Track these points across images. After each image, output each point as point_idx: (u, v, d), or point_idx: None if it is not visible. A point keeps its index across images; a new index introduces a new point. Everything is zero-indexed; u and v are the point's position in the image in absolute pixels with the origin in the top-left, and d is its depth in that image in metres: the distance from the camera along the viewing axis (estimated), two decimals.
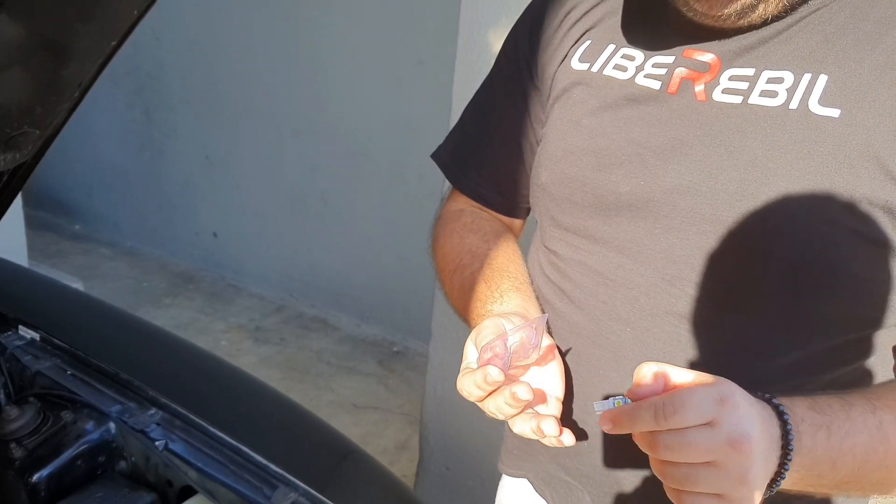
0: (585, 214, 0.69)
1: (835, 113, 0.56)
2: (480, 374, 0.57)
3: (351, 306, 3.00)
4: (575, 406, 0.73)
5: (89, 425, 0.93)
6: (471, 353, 0.64)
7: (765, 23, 0.59)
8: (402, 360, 2.79)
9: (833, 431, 0.54)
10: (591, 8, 0.73)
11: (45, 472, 0.87)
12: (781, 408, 0.53)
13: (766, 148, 0.58)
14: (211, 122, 3.10)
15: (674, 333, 0.65)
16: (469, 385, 0.59)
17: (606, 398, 0.54)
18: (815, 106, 0.57)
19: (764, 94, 0.59)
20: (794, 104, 0.58)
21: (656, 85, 0.65)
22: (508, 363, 0.59)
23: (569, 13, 0.74)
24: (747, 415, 0.50)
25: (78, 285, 2.69)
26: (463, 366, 0.63)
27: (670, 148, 0.63)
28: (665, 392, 0.51)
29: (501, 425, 0.80)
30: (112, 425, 0.94)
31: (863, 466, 0.55)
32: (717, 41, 0.62)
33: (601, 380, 0.70)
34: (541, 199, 0.75)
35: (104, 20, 0.76)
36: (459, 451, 1.72)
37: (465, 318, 0.78)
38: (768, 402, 0.54)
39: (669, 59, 0.65)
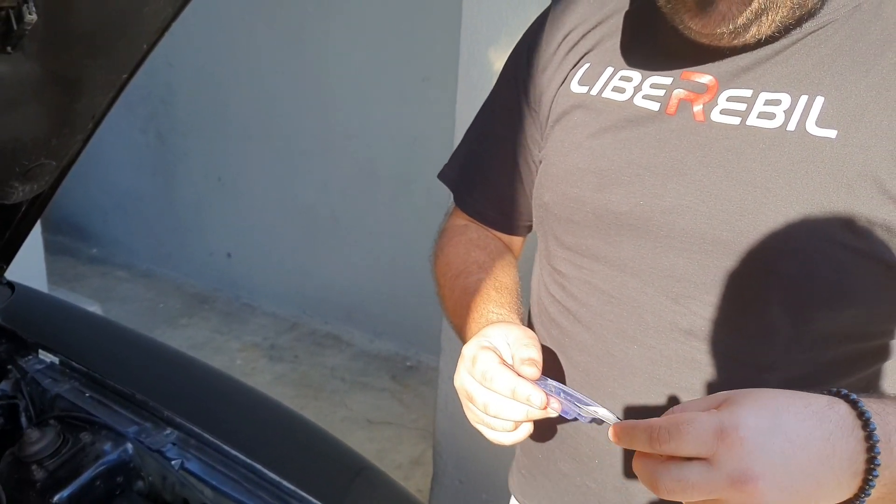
0: (588, 234, 0.70)
1: (832, 134, 0.57)
2: (538, 397, 0.57)
3: (364, 322, 3.02)
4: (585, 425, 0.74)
5: (107, 446, 0.95)
6: (471, 350, 0.62)
7: (759, 43, 0.60)
8: (416, 375, 2.80)
9: None
10: (590, 30, 0.73)
11: (65, 493, 0.89)
12: (868, 414, 0.47)
13: (765, 169, 0.59)
14: (222, 144, 3.15)
15: (681, 350, 0.65)
16: (503, 384, 0.58)
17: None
18: (812, 127, 0.58)
19: (762, 115, 0.60)
20: (791, 126, 0.58)
21: (655, 106, 0.66)
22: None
23: (567, 36, 0.75)
24: (757, 448, 0.45)
25: (96, 308, 2.74)
26: (467, 366, 0.62)
27: (669, 168, 0.63)
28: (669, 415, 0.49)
29: None
30: (129, 446, 0.96)
31: None
32: (714, 63, 0.63)
33: (610, 397, 0.70)
34: (544, 219, 0.76)
35: (114, 55, 0.79)
36: (472, 465, 1.73)
37: (460, 323, 0.77)
38: (849, 401, 0.48)
39: (667, 81, 0.66)
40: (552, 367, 0.74)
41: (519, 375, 0.59)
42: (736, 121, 0.61)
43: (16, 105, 0.77)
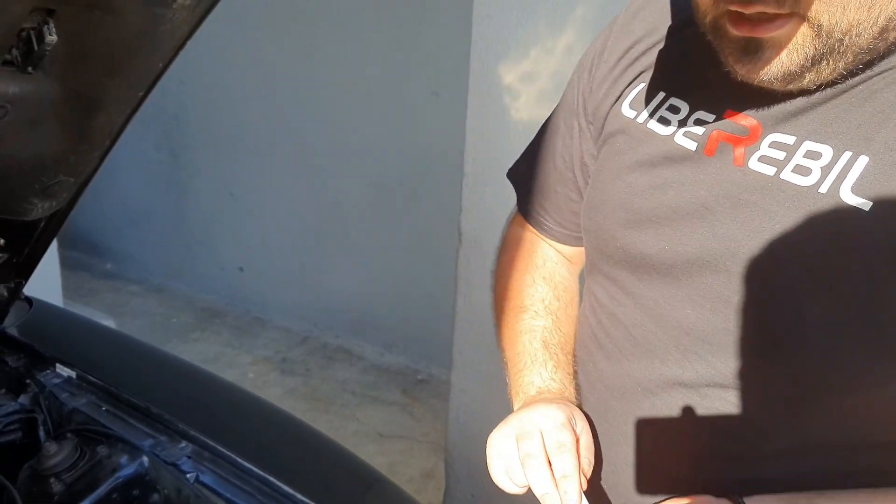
0: (618, 266, 0.69)
1: (865, 206, 0.51)
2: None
3: (374, 336, 3.02)
4: (600, 460, 0.73)
5: (123, 459, 0.96)
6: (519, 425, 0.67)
7: (819, 88, 0.54)
8: (427, 389, 2.80)
9: None
10: (653, 46, 0.69)
11: None
12: None
13: (789, 231, 0.55)
14: (234, 160, 3.18)
15: (681, 404, 0.64)
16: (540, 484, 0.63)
17: None
18: (846, 193, 0.52)
19: (797, 169, 0.55)
20: (824, 188, 0.53)
21: (692, 146, 0.62)
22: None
23: (630, 49, 0.71)
24: None
25: (110, 322, 2.76)
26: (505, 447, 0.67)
27: (698, 216, 0.61)
28: None
29: None
30: (145, 459, 0.97)
31: None
32: (761, 106, 0.58)
33: (620, 434, 0.70)
34: (585, 241, 0.76)
35: (131, 73, 0.81)
36: (484, 478, 1.71)
37: (512, 367, 0.79)
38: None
39: (710, 118, 0.62)
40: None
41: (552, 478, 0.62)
42: (772, 171, 0.56)
43: (36, 123, 0.79)
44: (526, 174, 0.86)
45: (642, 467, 0.69)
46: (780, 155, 0.56)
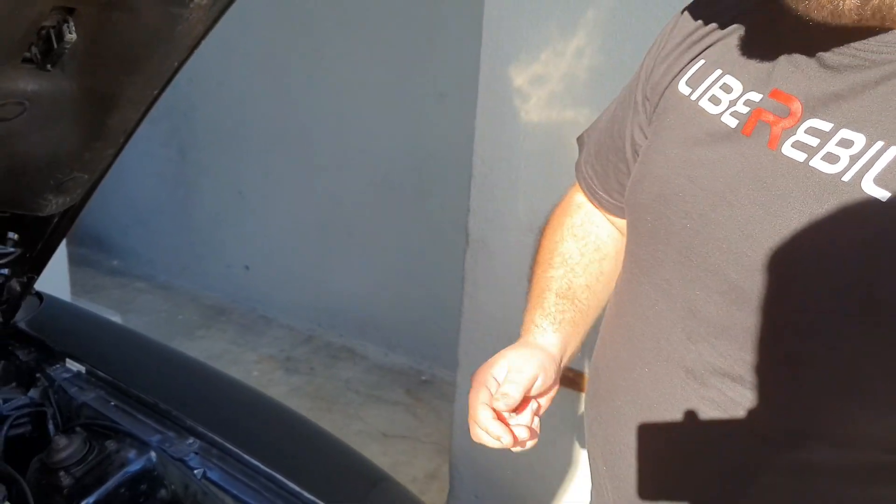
0: (643, 244, 0.70)
1: (883, 195, 0.50)
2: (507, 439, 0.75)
3: (377, 336, 3.03)
4: (602, 441, 0.75)
5: (132, 454, 0.97)
6: (478, 378, 0.79)
7: (863, 32, 0.53)
8: (430, 389, 2.80)
9: None
10: (719, 28, 0.68)
11: (90, 499, 0.90)
12: None
13: (807, 220, 0.54)
14: (241, 159, 3.19)
15: (680, 388, 0.63)
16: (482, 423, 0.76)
17: None
18: (867, 183, 0.51)
19: (827, 157, 0.54)
20: (848, 175, 0.52)
21: (734, 123, 0.62)
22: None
23: (697, 30, 0.70)
24: None
25: (116, 318, 2.77)
26: (485, 380, 0.78)
27: (721, 196, 0.60)
28: None
29: (531, 453, 0.83)
30: (153, 454, 0.98)
31: None
32: (807, 86, 0.57)
33: (616, 412, 0.71)
34: (626, 217, 0.76)
35: (147, 71, 0.82)
36: (489, 480, 1.72)
37: (528, 302, 0.86)
38: None
39: (757, 98, 0.61)
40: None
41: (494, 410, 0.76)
42: (801, 157, 0.55)
43: (53, 120, 0.79)
44: (587, 142, 0.88)
45: (643, 459, 0.69)
46: (814, 142, 0.55)
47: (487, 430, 0.75)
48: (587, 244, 0.87)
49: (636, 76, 0.79)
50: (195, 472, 0.96)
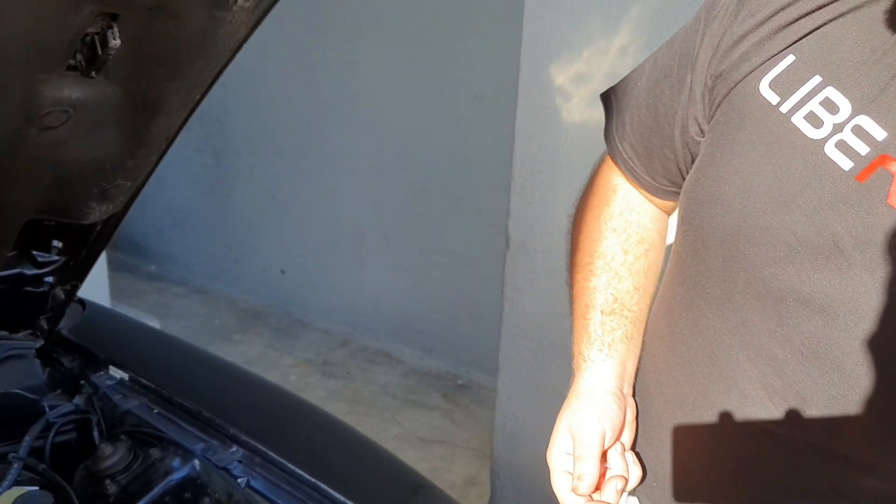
0: (712, 276, 0.61)
1: None
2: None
3: (414, 340, 3.02)
4: (654, 466, 0.70)
5: (176, 462, 0.96)
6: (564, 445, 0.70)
7: None
8: (467, 394, 2.77)
9: None
10: (817, 9, 0.53)
11: None
12: None
13: None
14: (275, 163, 3.22)
15: (757, 447, 0.58)
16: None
17: None
18: None
19: None
20: None
21: (847, 165, 0.50)
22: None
23: (783, 9, 0.55)
24: None
25: (154, 323, 2.81)
26: (559, 462, 0.70)
27: (825, 254, 0.51)
28: None
29: None
30: (197, 462, 0.97)
31: None
32: None
33: (657, 420, 0.68)
34: (681, 227, 0.68)
35: (191, 76, 0.81)
36: (531, 487, 1.69)
37: (574, 330, 0.75)
38: None
39: (880, 135, 0.49)
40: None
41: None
42: None
43: (97, 128, 0.79)
44: (618, 102, 0.73)
45: (703, 479, 0.65)
46: None
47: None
48: (629, 237, 0.74)
49: (689, 51, 0.63)
50: (239, 480, 0.95)
